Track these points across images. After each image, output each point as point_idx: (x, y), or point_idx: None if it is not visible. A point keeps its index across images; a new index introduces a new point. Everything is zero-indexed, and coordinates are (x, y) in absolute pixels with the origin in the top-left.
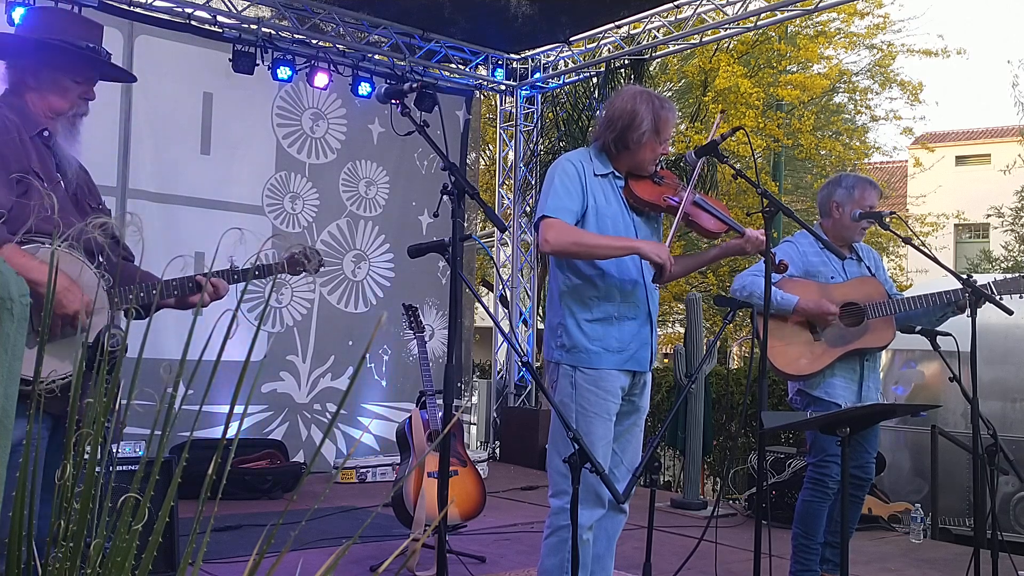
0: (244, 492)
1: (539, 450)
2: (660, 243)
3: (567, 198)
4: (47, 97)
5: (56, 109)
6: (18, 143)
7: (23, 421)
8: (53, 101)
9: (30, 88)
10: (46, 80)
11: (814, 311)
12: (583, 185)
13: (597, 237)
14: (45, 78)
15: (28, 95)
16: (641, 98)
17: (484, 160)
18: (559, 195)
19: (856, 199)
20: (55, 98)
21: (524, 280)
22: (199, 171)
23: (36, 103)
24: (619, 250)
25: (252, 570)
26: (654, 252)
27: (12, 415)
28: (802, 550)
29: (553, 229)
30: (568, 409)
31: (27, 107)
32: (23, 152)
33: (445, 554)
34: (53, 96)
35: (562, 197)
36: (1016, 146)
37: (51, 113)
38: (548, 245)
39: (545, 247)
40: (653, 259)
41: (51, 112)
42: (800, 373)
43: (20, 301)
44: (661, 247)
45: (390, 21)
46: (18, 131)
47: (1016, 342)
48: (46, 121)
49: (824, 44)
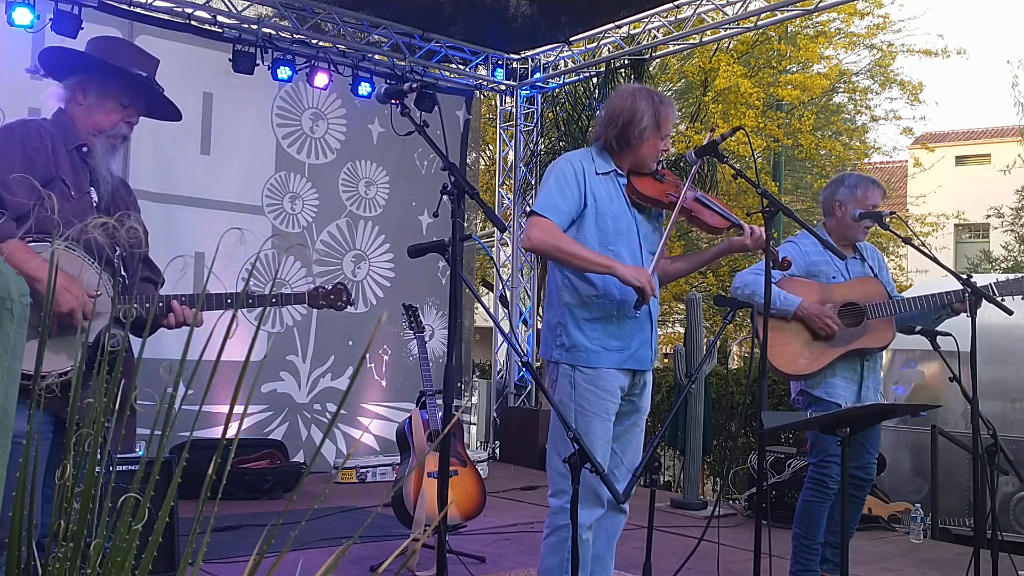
0: (244, 492)
1: (539, 450)
2: (642, 268)
3: (560, 198)
4: (92, 114)
5: (98, 126)
6: (48, 151)
7: (23, 416)
8: (97, 118)
9: (78, 104)
10: (93, 98)
11: (815, 316)
12: (581, 185)
13: (579, 248)
14: (93, 96)
15: (75, 112)
16: (641, 95)
17: (484, 160)
18: (552, 194)
19: (859, 198)
20: (99, 116)
21: (524, 280)
22: (199, 171)
23: (81, 119)
24: (596, 267)
25: (252, 570)
26: (632, 276)
27: (12, 415)
28: (802, 550)
29: (539, 228)
30: (567, 409)
31: (72, 123)
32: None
33: (445, 554)
34: (98, 114)
35: (555, 196)
36: (1016, 146)
37: (94, 130)
38: (529, 242)
39: (526, 243)
40: (632, 283)
41: (94, 129)
42: (799, 373)
43: (20, 301)
44: (642, 271)
45: (390, 21)
46: (52, 141)
47: (1016, 342)
48: (86, 137)
49: (824, 44)
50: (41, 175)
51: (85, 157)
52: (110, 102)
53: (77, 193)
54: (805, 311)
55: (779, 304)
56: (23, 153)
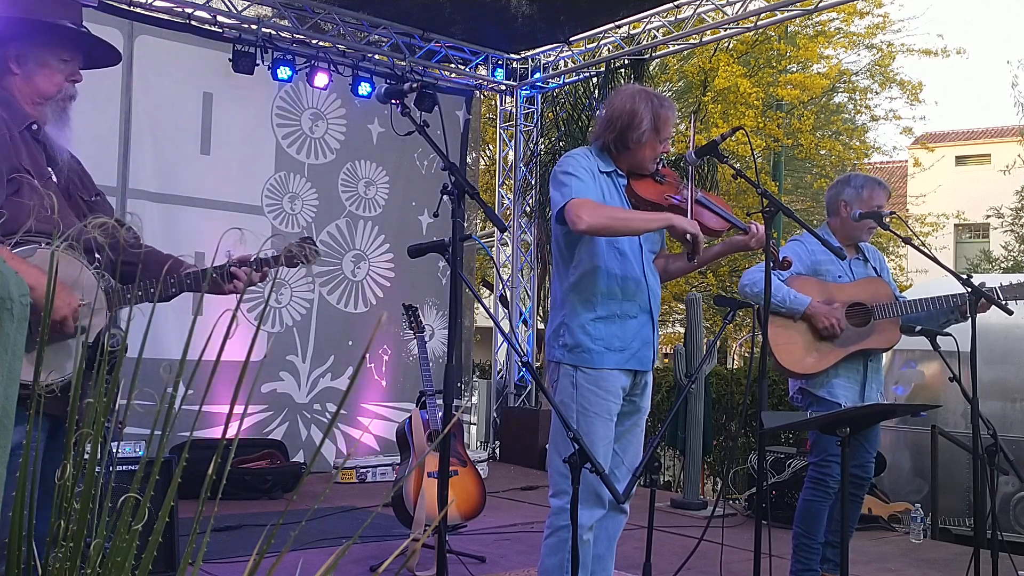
0: (244, 492)
1: (539, 450)
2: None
3: (588, 182)
4: (33, 81)
5: (44, 93)
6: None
7: (22, 424)
8: (40, 84)
9: (14, 74)
10: (31, 62)
11: (821, 315)
12: (595, 175)
13: (631, 212)
14: (30, 60)
15: (13, 83)
16: (640, 97)
17: (484, 160)
18: (580, 179)
19: (864, 199)
20: (42, 80)
21: (524, 280)
22: (199, 171)
23: (22, 90)
24: (654, 222)
25: (252, 570)
26: (687, 224)
27: (12, 415)
28: (803, 550)
29: (584, 208)
30: (569, 409)
31: (13, 98)
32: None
33: (445, 554)
34: (39, 78)
35: (584, 180)
36: (1016, 146)
37: (39, 98)
38: (584, 222)
39: (581, 224)
40: (687, 229)
41: (39, 97)
42: (806, 372)
43: (20, 301)
44: (692, 221)
45: (390, 21)
46: (7, 127)
47: (1016, 342)
48: (33, 111)
49: (824, 44)
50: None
51: (37, 135)
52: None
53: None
54: (814, 310)
55: (789, 303)
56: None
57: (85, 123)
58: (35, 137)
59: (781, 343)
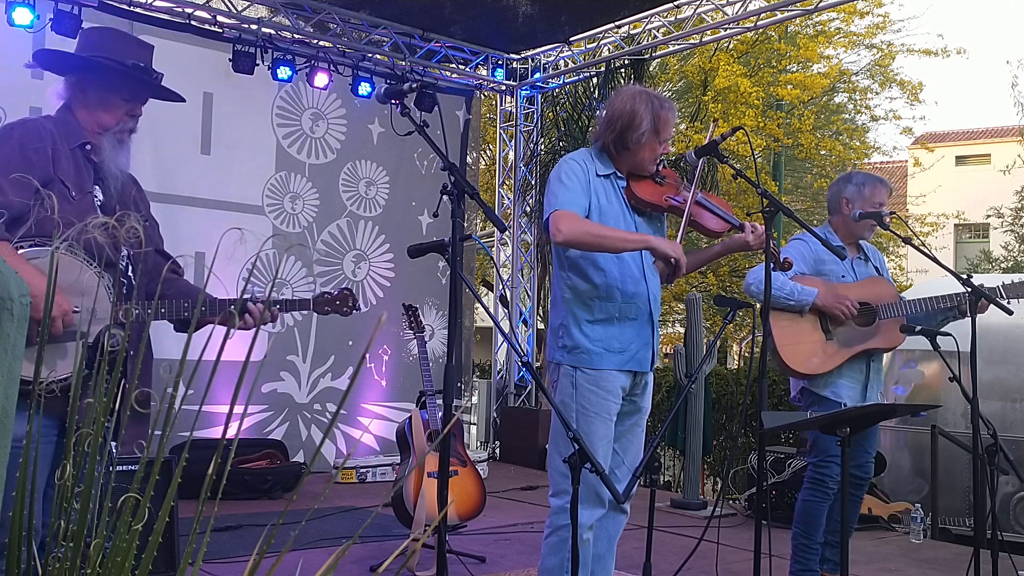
0: (244, 492)
1: (539, 450)
2: (674, 241)
3: (576, 193)
4: (95, 113)
5: (103, 125)
6: (47, 152)
7: (23, 420)
8: (101, 117)
9: (81, 103)
10: (93, 97)
11: (833, 304)
12: (587, 184)
13: (610, 229)
14: (92, 94)
15: (79, 110)
16: (640, 98)
17: (484, 160)
18: (569, 190)
19: (867, 196)
20: (103, 114)
21: (524, 280)
22: (199, 171)
23: (85, 118)
24: (632, 243)
25: (252, 570)
26: (669, 248)
27: (12, 415)
28: (802, 550)
29: (565, 220)
30: (568, 409)
31: (76, 120)
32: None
33: (445, 554)
34: (101, 112)
35: (572, 191)
36: (1016, 146)
37: (98, 128)
38: (561, 235)
39: (558, 237)
40: (668, 254)
41: (98, 127)
42: (812, 372)
43: (20, 301)
44: (674, 244)
45: (390, 21)
46: (53, 140)
47: (1016, 342)
48: (91, 135)
49: (824, 44)
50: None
51: (89, 155)
52: (112, 99)
53: (78, 194)
54: (823, 300)
55: (797, 295)
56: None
57: None
58: (87, 156)
59: (786, 343)
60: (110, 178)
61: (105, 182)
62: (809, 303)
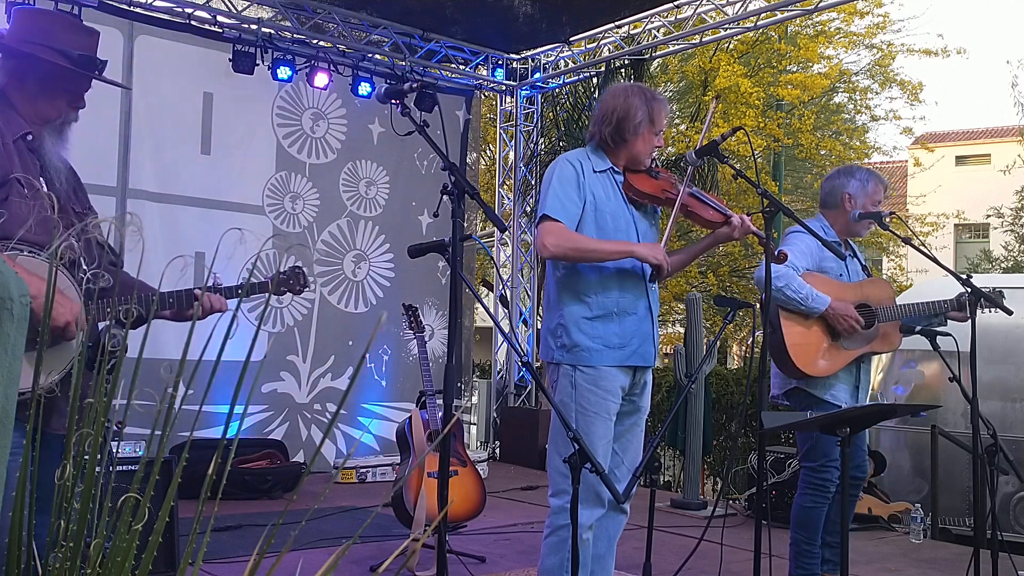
0: (244, 492)
1: (539, 450)
2: (656, 244)
3: (566, 199)
4: (35, 104)
5: (44, 117)
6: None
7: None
8: (41, 108)
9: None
10: (33, 87)
11: (840, 316)
12: (581, 184)
13: (594, 242)
14: (32, 85)
15: (15, 97)
16: (633, 91)
17: (484, 160)
18: (558, 196)
19: (869, 192)
20: (44, 106)
21: (524, 280)
22: (199, 171)
23: (23, 107)
24: (616, 254)
25: (252, 570)
26: (650, 254)
27: (12, 415)
28: (804, 555)
29: (551, 234)
30: (568, 409)
31: (13, 108)
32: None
33: (445, 554)
34: (41, 103)
35: (561, 198)
36: (1016, 146)
37: (38, 119)
38: (547, 250)
39: (544, 252)
40: (650, 261)
41: (38, 118)
42: (818, 374)
43: (20, 301)
44: (657, 248)
45: (390, 21)
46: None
47: (1016, 342)
48: (31, 125)
49: (824, 44)
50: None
51: (31, 146)
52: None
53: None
54: (835, 310)
55: (811, 301)
56: None
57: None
58: (30, 147)
59: (797, 343)
60: (53, 171)
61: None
62: (819, 312)
